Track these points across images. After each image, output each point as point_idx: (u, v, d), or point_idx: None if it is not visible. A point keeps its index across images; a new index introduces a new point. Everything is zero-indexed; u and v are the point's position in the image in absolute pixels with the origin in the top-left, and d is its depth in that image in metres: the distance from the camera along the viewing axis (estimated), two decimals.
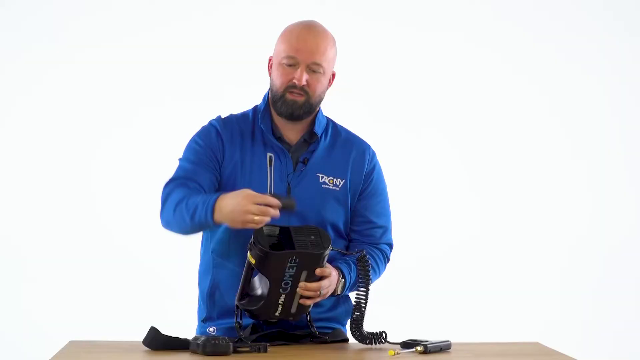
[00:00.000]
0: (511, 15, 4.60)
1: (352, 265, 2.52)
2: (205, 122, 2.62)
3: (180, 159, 2.58)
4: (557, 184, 4.60)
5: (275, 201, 2.32)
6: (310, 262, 2.35)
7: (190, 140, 2.59)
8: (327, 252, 2.37)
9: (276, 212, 2.32)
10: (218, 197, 2.37)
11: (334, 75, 2.58)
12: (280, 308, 2.38)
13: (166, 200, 2.49)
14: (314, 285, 2.37)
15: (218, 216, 2.36)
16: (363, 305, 2.43)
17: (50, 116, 4.37)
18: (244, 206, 2.31)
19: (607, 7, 4.63)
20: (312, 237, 2.37)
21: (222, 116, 2.61)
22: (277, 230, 2.38)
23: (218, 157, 2.55)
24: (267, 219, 2.31)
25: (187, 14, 4.44)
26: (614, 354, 4.48)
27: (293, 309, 2.39)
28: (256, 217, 2.31)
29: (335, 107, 2.89)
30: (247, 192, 2.33)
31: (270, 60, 2.58)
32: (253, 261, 2.33)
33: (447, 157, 4.58)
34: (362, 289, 2.44)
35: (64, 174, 4.36)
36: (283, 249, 2.35)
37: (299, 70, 2.49)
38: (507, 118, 4.60)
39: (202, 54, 4.40)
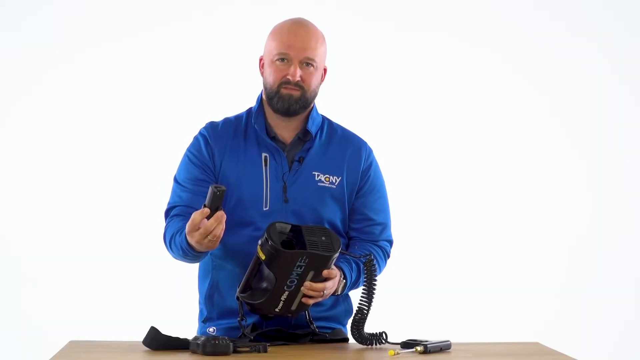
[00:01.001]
0: (511, 15, 4.60)
1: (354, 265, 2.52)
2: (204, 123, 2.62)
3: (175, 178, 2.57)
4: (557, 184, 4.60)
5: (197, 218, 2.26)
6: (319, 264, 2.35)
7: (184, 155, 2.59)
8: (337, 254, 2.37)
9: (211, 225, 2.25)
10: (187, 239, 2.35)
11: (325, 70, 2.58)
12: (281, 304, 2.38)
13: (164, 236, 2.52)
14: (319, 285, 2.37)
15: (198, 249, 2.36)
16: (366, 309, 2.43)
17: (50, 116, 4.37)
18: (195, 240, 2.29)
19: (607, 7, 4.62)
20: (323, 238, 2.36)
21: (215, 120, 2.61)
22: (288, 228, 2.38)
23: (211, 167, 2.55)
24: (217, 237, 2.28)
25: (187, 14, 4.44)
26: (614, 354, 4.48)
27: (294, 306, 2.40)
28: (209, 243, 2.29)
29: (335, 107, 2.89)
30: (186, 229, 2.31)
31: (261, 60, 2.58)
32: (263, 257, 2.33)
33: (447, 157, 4.58)
34: (366, 294, 2.43)
35: (64, 174, 4.36)
36: (293, 246, 2.36)
37: (292, 67, 2.49)
38: (507, 118, 4.60)
39: (202, 54, 4.40)
